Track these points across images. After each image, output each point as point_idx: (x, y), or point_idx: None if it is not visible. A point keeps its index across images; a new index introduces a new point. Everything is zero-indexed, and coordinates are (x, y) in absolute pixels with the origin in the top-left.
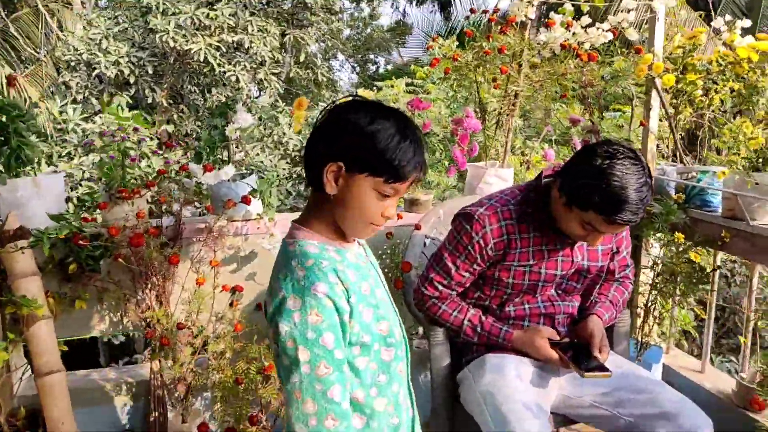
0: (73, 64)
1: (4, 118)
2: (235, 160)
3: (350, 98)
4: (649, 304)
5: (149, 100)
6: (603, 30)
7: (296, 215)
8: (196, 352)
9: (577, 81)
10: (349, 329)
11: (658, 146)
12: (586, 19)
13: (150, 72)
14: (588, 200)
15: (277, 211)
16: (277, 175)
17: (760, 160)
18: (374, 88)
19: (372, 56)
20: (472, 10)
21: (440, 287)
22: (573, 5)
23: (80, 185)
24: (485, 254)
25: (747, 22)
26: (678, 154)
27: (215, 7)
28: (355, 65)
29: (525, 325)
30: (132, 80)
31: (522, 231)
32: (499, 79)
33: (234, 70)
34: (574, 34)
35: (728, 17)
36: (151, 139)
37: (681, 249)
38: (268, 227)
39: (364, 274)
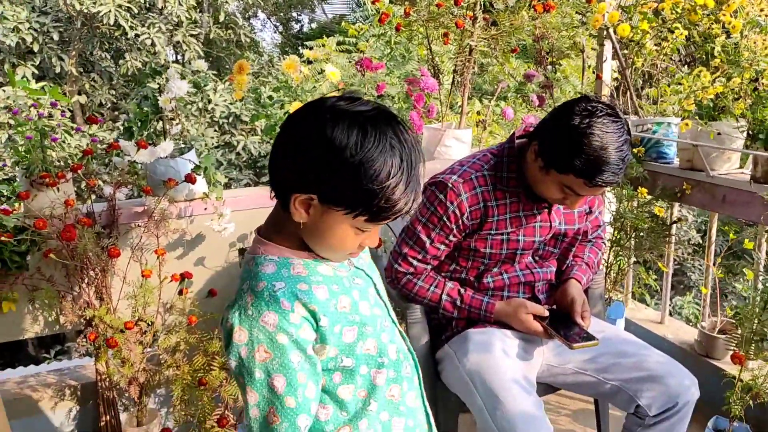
0: None
1: None
2: (172, 134)
3: (330, 99)
4: (611, 260)
5: (57, 70)
6: None
7: (248, 191)
8: (146, 349)
9: (531, 34)
10: (321, 357)
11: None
12: None
13: (55, 39)
14: (567, 163)
15: (225, 187)
16: (206, 144)
17: (716, 109)
18: (304, 47)
19: (295, 14)
20: None
21: (415, 262)
22: None
23: None
24: (461, 224)
25: None
26: (633, 105)
27: None
28: (278, 24)
29: (505, 296)
30: (36, 48)
31: (498, 197)
32: (453, 33)
33: (148, 33)
34: None
35: None
36: (63, 113)
37: (643, 203)
38: (216, 207)
39: (344, 286)
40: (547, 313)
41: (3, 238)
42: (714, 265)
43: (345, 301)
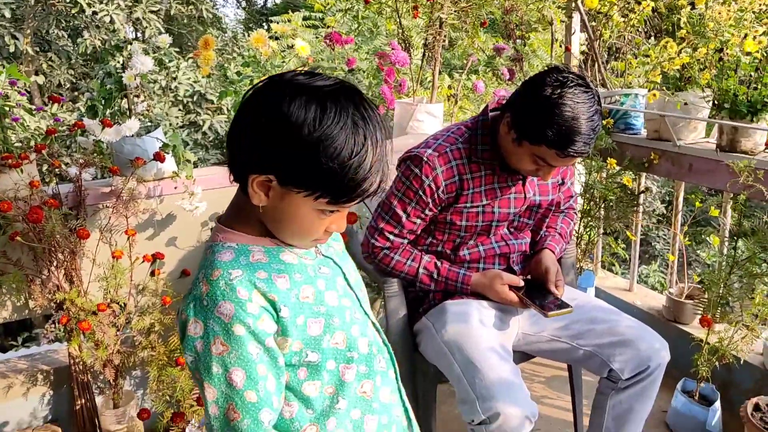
0: None
1: None
2: (138, 112)
3: (288, 74)
4: (582, 230)
5: (11, 49)
6: None
7: (218, 170)
8: (120, 331)
9: (500, 6)
10: (284, 351)
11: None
12: None
13: (8, 16)
14: (539, 134)
15: (194, 166)
16: (170, 124)
17: (682, 80)
18: (269, 23)
19: None
20: None
21: (391, 237)
22: None
23: None
24: (437, 198)
25: None
26: (601, 77)
27: None
28: None
29: (481, 267)
30: None
31: (473, 170)
32: (423, 6)
33: (107, 10)
34: None
35: None
36: (22, 92)
37: (612, 174)
38: (187, 186)
39: (308, 275)
40: (522, 284)
41: None
42: (680, 233)
43: (308, 291)
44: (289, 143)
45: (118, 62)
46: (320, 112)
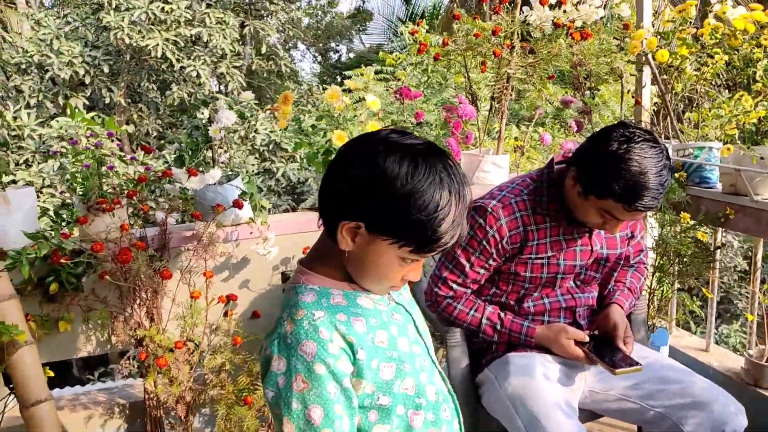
0: (23, 66)
1: None
2: (220, 162)
3: (382, 132)
4: (654, 286)
5: (106, 101)
6: (594, 6)
7: (291, 216)
8: (193, 368)
9: (568, 61)
10: (358, 392)
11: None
12: None
13: (105, 71)
14: (606, 188)
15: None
16: (247, 171)
17: (759, 133)
18: (342, 76)
19: (333, 45)
20: None
21: (455, 286)
22: None
23: (41, 193)
24: (501, 248)
25: None
26: (673, 129)
27: (170, 0)
28: (317, 55)
29: (545, 320)
30: (87, 81)
31: (538, 222)
32: (491, 61)
33: (194, 65)
34: (564, 11)
35: None
36: (119, 143)
37: (686, 228)
38: (261, 231)
39: (382, 321)
40: (587, 339)
41: (62, 261)
42: (761, 292)
43: (382, 335)
44: (382, 194)
45: (204, 115)
46: (412, 167)
